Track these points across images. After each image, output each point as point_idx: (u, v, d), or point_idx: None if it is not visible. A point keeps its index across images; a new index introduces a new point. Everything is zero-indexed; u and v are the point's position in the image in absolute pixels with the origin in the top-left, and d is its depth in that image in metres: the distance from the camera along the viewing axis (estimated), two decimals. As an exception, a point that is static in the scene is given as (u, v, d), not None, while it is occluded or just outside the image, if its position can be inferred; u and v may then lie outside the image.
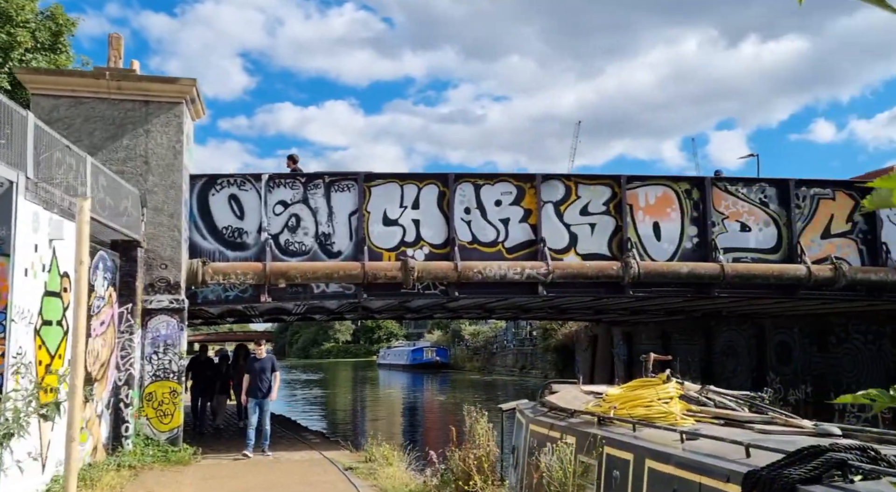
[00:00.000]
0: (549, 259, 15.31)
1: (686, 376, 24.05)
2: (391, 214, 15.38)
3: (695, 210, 16.24)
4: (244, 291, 14.62)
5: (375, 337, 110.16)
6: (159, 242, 13.25)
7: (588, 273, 15.38)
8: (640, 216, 16.14)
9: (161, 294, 13.21)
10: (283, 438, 16.82)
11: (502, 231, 15.71)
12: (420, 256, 15.29)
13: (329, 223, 15.09)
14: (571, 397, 8.59)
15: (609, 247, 16.00)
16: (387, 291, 15.19)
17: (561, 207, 15.94)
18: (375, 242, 15.21)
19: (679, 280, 15.63)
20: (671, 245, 16.14)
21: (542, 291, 15.50)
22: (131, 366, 12.58)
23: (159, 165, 13.28)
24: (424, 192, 15.56)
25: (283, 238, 14.92)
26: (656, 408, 6.75)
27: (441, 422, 28.61)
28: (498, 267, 15.10)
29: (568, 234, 15.91)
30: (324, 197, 15.11)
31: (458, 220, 15.49)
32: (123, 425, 12.37)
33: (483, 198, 15.71)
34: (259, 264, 14.35)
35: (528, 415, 8.81)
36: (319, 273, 14.48)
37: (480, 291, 15.66)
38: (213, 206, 14.66)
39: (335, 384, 54.84)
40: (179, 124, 13.39)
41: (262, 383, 13.50)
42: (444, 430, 25.02)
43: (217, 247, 14.63)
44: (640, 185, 16.22)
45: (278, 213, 14.95)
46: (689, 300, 17.86)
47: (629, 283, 15.45)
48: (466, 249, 15.42)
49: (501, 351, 65.75)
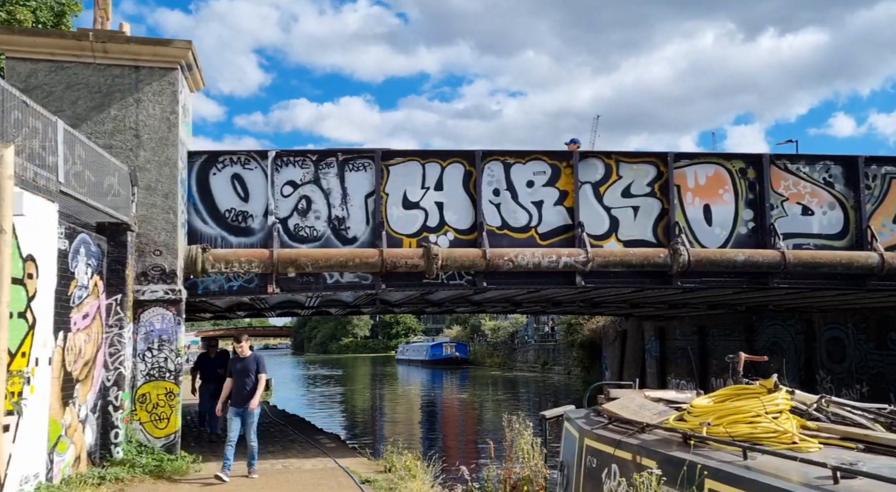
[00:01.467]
0: (588, 246, 13.72)
1: (724, 375, 22.43)
2: (412, 195, 13.85)
3: (750, 191, 14.57)
4: (249, 280, 13.16)
5: (394, 332, 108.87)
6: (152, 226, 11.79)
7: (632, 261, 13.77)
8: (688, 198, 14.50)
9: (155, 284, 11.75)
10: (296, 442, 15.37)
11: (535, 215, 14.14)
12: (444, 243, 13.75)
13: (343, 206, 13.58)
14: (637, 405, 7.02)
15: (654, 232, 14.38)
16: (407, 281, 13.67)
17: (600, 188, 14.34)
18: (394, 226, 13.69)
19: (734, 269, 13.97)
20: (724, 230, 14.49)
21: (579, 281, 13.93)
22: (121, 364, 11.14)
23: (152, 139, 11.81)
24: (449, 171, 14.01)
25: (292, 222, 13.44)
26: (765, 425, 5.18)
27: (463, 422, 27.11)
28: (531, 254, 13.53)
29: (608, 218, 14.31)
30: (337, 177, 13.61)
31: (485, 202, 13.93)
32: (112, 431, 10.93)
33: (514, 178, 14.14)
34: (265, 251, 12.88)
35: (581, 426, 7.25)
36: (333, 261, 12.98)
37: (511, 282, 14.09)
38: (215, 186, 13.19)
39: (354, 381, 53.52)
40: (174, 93, 11.92)
41: (245, 387, 10.80)
42: (466, 431, 23.64)
43: (219, 232, 13.17)
44: (688, 163, 14.57)
45: (287, 194, 13.46)
46: (740, 293, 16.20)
47: (677, 272, 13.83)
48: (495, 234, 13.87)
49: (522, 347, 64.11)
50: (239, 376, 10.81)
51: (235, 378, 10.81)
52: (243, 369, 10.79)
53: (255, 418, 10.84)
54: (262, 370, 10.86)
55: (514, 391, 41.45)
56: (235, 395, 10.81)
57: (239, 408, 10.73)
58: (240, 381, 10.77)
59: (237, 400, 10.79)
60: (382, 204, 13.64)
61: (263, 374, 10.88)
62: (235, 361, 10.97)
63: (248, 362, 10.82)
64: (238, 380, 10.80)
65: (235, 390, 10.82)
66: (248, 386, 10.74)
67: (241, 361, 10.86)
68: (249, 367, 10.79)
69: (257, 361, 10.86)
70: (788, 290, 14.89)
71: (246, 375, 10.78)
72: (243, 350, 10.90)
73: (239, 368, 10.84)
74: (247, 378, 10.77)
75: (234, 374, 10.86)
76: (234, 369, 10.89)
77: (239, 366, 10.85)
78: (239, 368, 10.84)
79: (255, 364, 10.81)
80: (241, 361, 10.84)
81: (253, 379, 10.77)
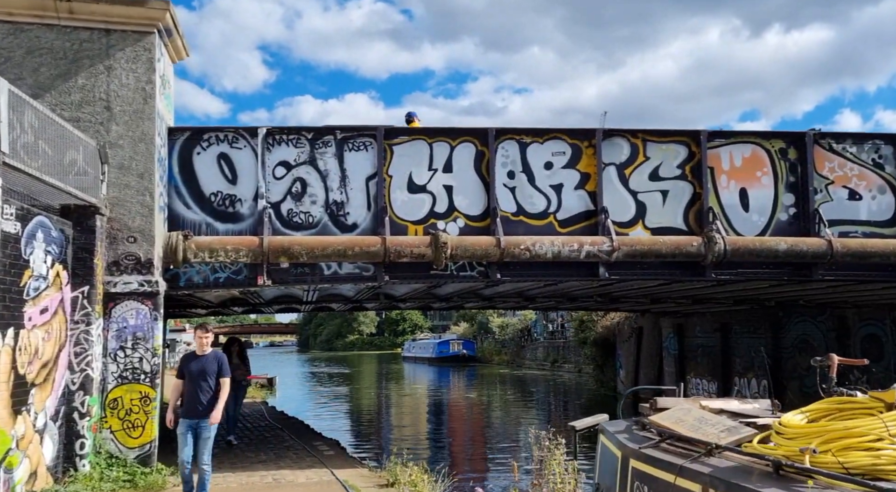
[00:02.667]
0: (613, 234, 12.37)
1: (749, 374, 21.03)
2: (418, 178, 12.52)
3: (791, 174, 13.19)
4: (237, 272, 11.85)
5: (400, 329, 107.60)
6: (126, 209, 10.49)
7: (661, 250, 12.40)
8: (723, 181, 13.13)
9: (129, 274, 10.46)
10: (291, 449, 14.07)
11: (554, 199, 12.79)
12: (453, 230, 12.43)
13: (342, 189, 12.27)
14: (694, 418, 5.68)
15: (685, 219, 13.01)
16: (413, 272, 12.34)
17: (626, 170, 12.98)
18: (399, 212, 12.37)
19: (775, 259, 12.59)
20: (762, 217, 13.11)
21: (603, 272, 12.59)
22: (89, 366, 9.85)
23: (125, 112, 10.50)
24: (459, 151, 12.67)
25: (285, 207, 12.12)
26: (892, 453, 3.84)
27: (472, 426, 25.79)
28: (550, 243, 12.19)
29: (634, 203, 12.96)
30: (335, 157, 12.29)
31: (499, 186, 12.60)
32: (78, 442, 9.64)
33: (530, 159, 12.80)
34: (255, 239, 11.57)
35: (624, 443, 5.91)
36: (330, 249, 11.66)
37: (528, 273, 12.76)
38: (199, 167, 11.88)
39: (358, 379, 52.24)
40: (150, 60, 10.60)
41: (202, 394, 8.49)
42: (476, 436, 22.28)
43: (204, 218, 11.86)
44: (723, 143, 13.19)
45: (279, 176, 12.15)
46: (777, 286, 14.81)
47: (712, 262, 12.47)
48: (510, 221, 12.54)
49: (531, 344, 62.71)
50: (195, 379, 8.53)
51: (189, 382, 8.54)
52: (200, 371, 8.53)
53: (211, 434, 8.55)
54: (225, 373, 8.65)
55: (523, 390, 40.12)
56: (189, 403, 8.50)
57: (192, 420, 8.46)
58: (195, 385, 8.52)
59: (190, 410, 8.47)
60: (385, 187, 12.32)
61: (226, 378, 8.66)
62: (190, 360, 8.71)
63: (207, 362, 8.59)
64: (193, 384, 8.53)
65: (189, 398, 8.52)
66: (206, 393, 8.51)
67: (197, 360, 8.61)
68: (208, 368, 8.56)
69: (219, 361, 8.68)
70: (834, 282, 13.52)
71: (203, 378, 8.52)
72: (203, 345, 8.65)
73: (195, 369, 8.55)
74: (203, 382, 8.50)
75: (187, 376, 8.57)
76: (188, 370, 8.58)
77: (195, 366, 8.56)
78: (195, 369, 8.55)
79: (215, 365, 8.59)
80: (198, 361, 8.61)
81: (212, 384, 8.56)
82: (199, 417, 8.46)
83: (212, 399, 8.54)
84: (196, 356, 8.68)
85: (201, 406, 8.48)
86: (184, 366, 8.69)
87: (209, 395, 8.53)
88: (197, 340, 8.70)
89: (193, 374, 8.55)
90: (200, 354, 8.66)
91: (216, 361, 8.67)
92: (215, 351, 8.83)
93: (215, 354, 8.77)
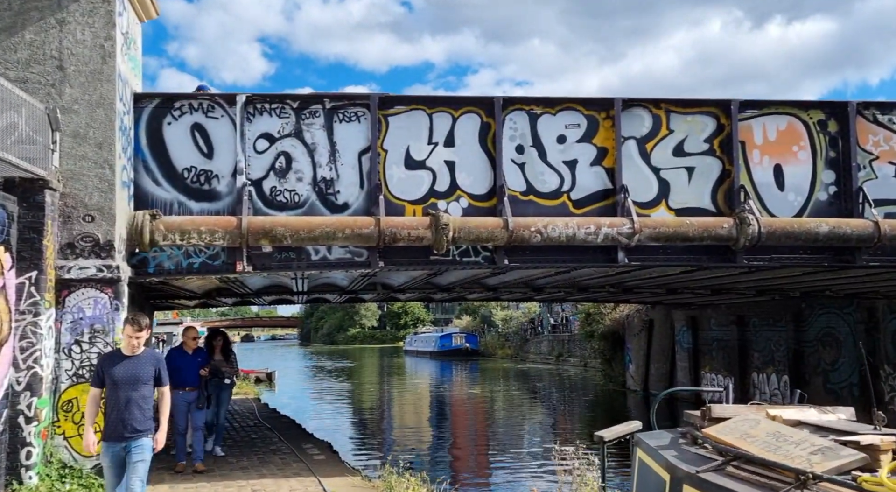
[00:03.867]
0: (634, 215, 11.07)
1: (768, 369, 19.68)
2: (416, 153, 11.22)
3: (832, 148, 11.87)
4: (214, 256, 10.57)
5: (402, 323, 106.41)
6: (82, 184, 9.20)
7: (688, 233, 11.10)
8: (755, 157, 11.82)
9: (85, 258, 9.18)
10: (278, 453, 12.81)
11: (567, 177, 11.50)
12: (456, 211, 11.15)
13: (331, 165, 10.98)
14: (767, 434, 4.40)
15: (713, 198, 11.72)
16: (411, 257, 11.06)
17: (647, 144, 11.68)
18: (395, 191, 11.08)
19: (815, 243, 11.28)
20: (799, 196, 11.80)
21: (622, 258, 11.30)
22: (37, 363, 8.57)
23: (80, 72, 9.21)
24: (462, 123, 11.36)
25: (267, 185, 10.83)
26: None
27: (475, 424, 24.53)
28: (565, 225, 10.89)
29: (657, 181, 11.66)
30: (324, 129, 10.99)
31: (507, 161, 11.30)
32: (24, 450, 8.37)
33: (541, 132, 11.49)
34: (232, 219, 10.28)
35: (675, 464, 4.62)
36: (317, 231, 10.36)
37: (538, 259, 11.45)
38: (170, 139, 10.58)
39: (359, 374, 51.02)
40: (110, 13, 9.30)
41: (132, 408, 6.35)
42: (479, 436, 20.91)
43: (175, 196, 10.57)
44: (755, 114, 11.87)
45: (261, 150, 10.85)
46: (813, 273, 13.49)
47: (744, 246, 11.18)
48: (519, 201, 11.25)
49: (535, 337, 61.43)
50: (121, 387, 6.35)
51: (113, 392, 6.39)
52: (130, 377, 6.38)
53: (146, 457, 6.40)
54: (164, 381, 6.61)
55: (528, 385, 38.88)
56: (113, 421, 6.36)
57: (117, 444, 6.33)
58: (122, 396, 6.33)
59: (115, 430, 6.34)
60: (380, 163, 11.03)
61: (165, 387, 6.65)
62: (112, 362, 6.51)
63: (140, 365, 6.47)
64: (119, 395, 6.34)
65: (113, 413, 6.38)
66: (138, 407, 6.38)
67: (124, 363, 6.43)
68: (140, 373, 6.43)
69: (156, 364, 6.60)
70: (878, 269, 12.20)
71: (133, 386, 6.37)
72: (134, 344, 6.48)
73: (120, 374, 6.39)
74: (134, 392, 6.36)
75: (109, 383, 6.42)
76: (109, 376, 6.41)
77: (120, 371, 6.40)
78: (120, 374, 6.39)
79: (151, 368, 6.52)
80: (126, 363, 6.43)
81: (147, 393, 6.48)
82: (127, 439, 6.33)
83: (147, 415, 6.46)
84: (122, 357, 6.52)
85: (131, 424, 6.33)
86: (104, 370, 6.50)
87: (142, 409, 6.42)
88: (125, 340, 6.56)
89: (118, 381, 6.38)
90: (130, 354, 6.52)
91: (153, 363, 6.58)
92: (151, 351, 6.83)
93: (151, 354, 6.73)
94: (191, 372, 10.90)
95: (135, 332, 6.49)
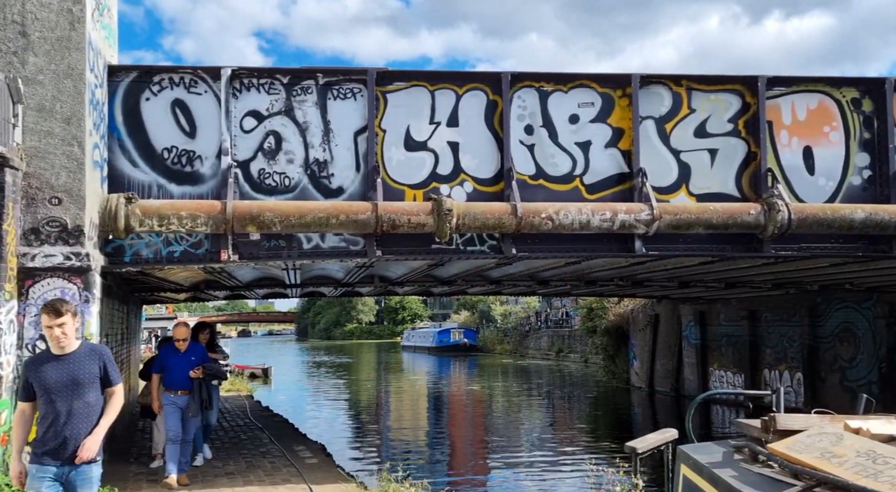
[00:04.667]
0: (654, 200, 10.21)
1: (781, 366, 18.80)
2: (417, 133, 10.34)
3: (866, 129, 11.01)
4: (196, 245, 9.69)
5: (399, 318, 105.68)
6: (48, 163, 8.31)
7: (712, 220, 10.23)
8: (783, 138, 10.95)
9: (52, 245, 8.29)
10: (268, 456, 11.97)
11: (580, 160, 10.62)
12: (460, 196, 10.27)
13: (325, 146, 10.09)
14: (857, 453, 3.55)
15: (737, 183, 10.85)
16: (411, 246, 10.19)
17: (667, 124, 10.80)
18: (394, 174, 10.20)
19: (849, 232, 10.42)
20: (830, 180, 10.94)
21: (639, 247, 10.45)
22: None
23: (45, 39, 8.31)
24: (466, 101, 10.48)
25: (255, 167, 9.95)
26: None
27: (476, 424, 23.69)
28: (578, 211, 10.02)
29: (676, 164, 10.79)
30: (317, 106, 10.10)
31: (515, 143, 10.43)
32: (-20, 458, 7.50)
33: (552, 111, 10.61)
34: (216, 203, 9.39)
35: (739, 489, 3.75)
36: (309, 217, 9.48)
37: (549, 248, 10.58)
38: (148, 116, 9.68)
39: (356, 370, 50.17)
40: (78, -27, 8.40)
41: (72, 424, 5.05)
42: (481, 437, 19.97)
43: (155, 178, 9.68)
44: (783, 92, 10.99)
45: (248, 129, 9.97)
46: (839, 265, 12.65)
47: (773, 235, 10.32)
48: (528, 185, 10.38)
49: (535, 333, 60.62)
50: (57, 396, 5.04)
51: (47, 403, 5.06)
52: (66, 382, 5.05)
53: (94, 482, 5.15)
54: (114, 380, 5.23)
55: (529, 382, 38.08)
56: (50, 439, 5.02)
57: (58, 467, 5.00)
58: (62, 407, 5.03)
59: (55, 449, 5.00)
60: (378, 144, 10.15)
61: (116, 387, 5.25)
62: (41, 366, 5.10)
63: (77, 364, 5.09)
64: (56, 406, 5.04)
65: (50, 431, 5.03)
66: (82, 418, 5.06)
67: (56, 364, 5.08)
68: (79, 374, 5.07)
69: (101, 358, 5.21)
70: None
71: (72, 392, 5.04)
72: (59, 337, 5.07)
73: (53, 379, 5.04)
74: (74, 400, 5.04)
75: (42, 393, 5.07)
76: (40, 384, 5.06)
77: (53, 375, 5.04)
78: (53, 379, 5.04)
79: (94, 366, 5.14)
80: (59, 364, 5.08)
81: (91, 400, 5.11)
82: (70, 460, 5.00)
83: (86, 427, 5.08)
84: (52, 358, 5.11)
85: (74, 441, 5.01)
86: (32, 378, 5.11)
87: (89, 421, 5.09)
88: (47, 334, 5.11)
89: (51, 388, 5.03)
90: (61, 352, 5.10)
91: (95, 359, 5.18)
92: (90, 344, 5.56)
93: (91, 348, 5.32)
94: (182, 372, 9.82)
95: (54, 320, 5.00)
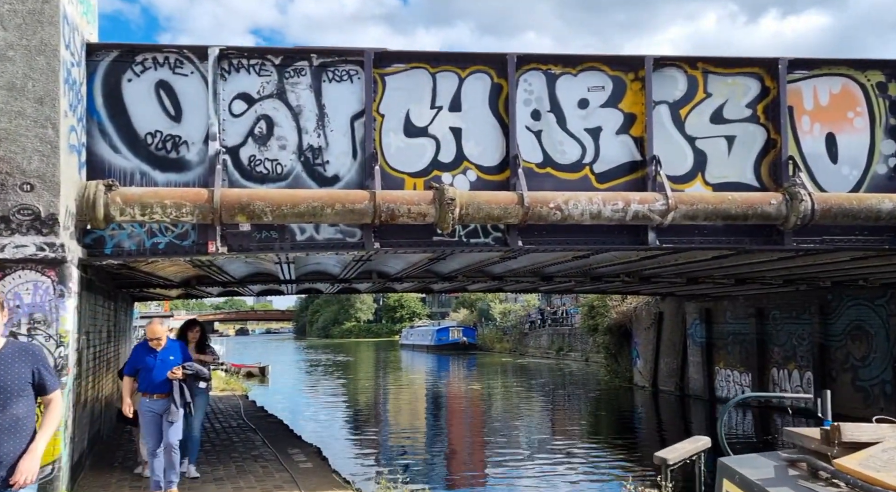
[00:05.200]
0: (669, 190, 9.62)
1: (790, 365, 18.18)
2: (417, 118, 9.73)
3: (892, 115, 10.41)
4: (182, 236, 9.08)
5: (398, 316, 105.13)
6: (19, 146, 7.71)
7: (730, 211, 9.63)
8: (804, 124, 10.36)
9: (23, 235, 7.69)
10: (260, 460, 11.37)
11: (590, 147, 10.02)
12: (463, 184, 9.67)
13: (319, 131, 9.48)
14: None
15: (756, 172, 10.26)
16: (411, 237, 9.58)
17: (681, 109, 10.20)
18: (392, 161, 9.59)
19: (876, 223, 9.84)
20: (854, 169, 10.36)
21: (653, 239, 9.85)
22: (-39, 359, 7.07)
23: (16, 12, 7.70)
24: (469, 84, 9.87)
25: (245, 153, 9.34)
26: None
27: (477, 424, 23.10)
28: (588, 201, 9.42)
29: (692, 151, 10.19)
30: (311, 89, 9.49)
31: (521, 129, 9.82)
32: (-57, 465, 6.87)
33: (560, 95, 10.01)
34: (203, 192, 8.78)
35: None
36: (303, 207, 8.87)
37: (557, 240, 9.97)
38: (131, 98, 9.07)
39: (354, 368, 49.59)
40: (52, -59, 7.79)
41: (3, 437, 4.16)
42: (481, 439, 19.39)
43: (137, 164, 9.07)
44: (805, 75, 10.39)
45: (238, 113, 9.35)
46: (860, 259, 12.07)
47: (795, 226, 9.72)
48: (535, 174, 9.77)
49: (535, 331, 60.04)
50: None
51: None
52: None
53: None
54: (50, 386, 4.44)
55: (529, 381, 37.51)
56: None
57: None
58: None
59: None
60: (376, 129, 9.54)
61: (53, 394, 4.46)
62: None
63: (3, 367, 4.25)
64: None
65: None
66: (11, 434, 4.20)
67: None
68: (5, 379, 4.23)
69: (33, 361, 4.39)
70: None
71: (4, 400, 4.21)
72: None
73: None
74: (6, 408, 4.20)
75: None
76: None
77: None
78: None
79: (24, 369, 4.32)
80: None
81: (19, 412, 4.25)
82: (2, 488, 4.18)
83: (25, 443, 4.27)
84: None
85: (2, 465, 4.17)
86: None
87: (18, 437, 4.24)
88: None
89: None
90: None
91: (26, 361, 4.34)
92: (18, 342, 4.64)
93: (19, 348, 4.44)
94: (159, 374, 8.57)
95: None
